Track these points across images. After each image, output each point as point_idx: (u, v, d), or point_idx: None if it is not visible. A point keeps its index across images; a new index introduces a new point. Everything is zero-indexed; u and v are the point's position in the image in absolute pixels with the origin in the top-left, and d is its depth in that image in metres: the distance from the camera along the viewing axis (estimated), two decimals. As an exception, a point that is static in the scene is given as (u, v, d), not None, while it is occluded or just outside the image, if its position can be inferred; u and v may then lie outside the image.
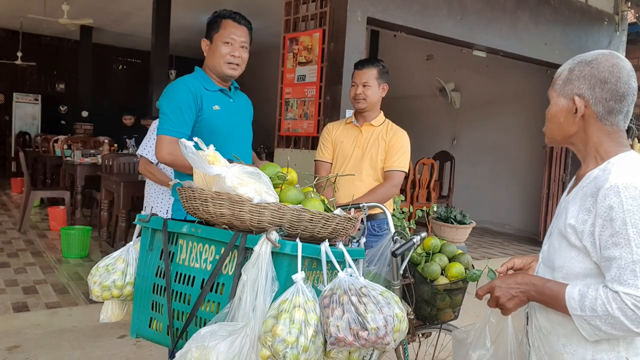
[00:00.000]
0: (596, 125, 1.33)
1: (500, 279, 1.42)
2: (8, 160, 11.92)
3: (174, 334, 1.60)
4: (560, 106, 1.36)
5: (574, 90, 1.33)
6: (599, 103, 1.31)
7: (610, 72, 1.30)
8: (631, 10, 7.01)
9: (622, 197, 1.20)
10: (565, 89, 1.35)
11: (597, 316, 1.20)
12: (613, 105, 1.30)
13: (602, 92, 1.30)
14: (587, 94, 1.31)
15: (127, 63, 14.24)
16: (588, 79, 1.31)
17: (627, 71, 1.31)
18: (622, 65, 1.31)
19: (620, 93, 1.30)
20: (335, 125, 3.10)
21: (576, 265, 1.30)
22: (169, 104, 2.19)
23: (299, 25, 5.05)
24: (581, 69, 1.33)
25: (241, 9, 2.58)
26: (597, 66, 1.31)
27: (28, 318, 3.61)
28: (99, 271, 1.78)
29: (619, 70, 1.30)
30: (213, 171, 1.50)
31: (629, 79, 1.31)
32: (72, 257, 5.16)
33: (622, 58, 1.34)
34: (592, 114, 1.32)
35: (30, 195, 6.23)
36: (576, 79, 1.33)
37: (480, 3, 5.51)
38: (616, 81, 1.30)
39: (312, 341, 1.32)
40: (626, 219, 1.19)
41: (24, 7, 9.65)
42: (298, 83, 4.94)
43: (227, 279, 1.49)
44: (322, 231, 1.54)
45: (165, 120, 2.17)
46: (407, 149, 2.98)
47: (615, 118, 1.31)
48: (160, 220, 1.70)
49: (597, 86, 1.30)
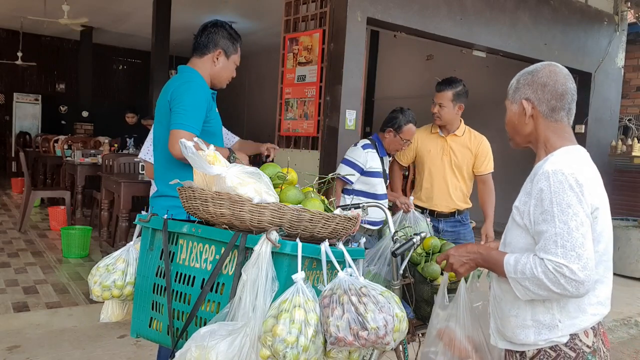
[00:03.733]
0: (543, 122, 1.55)
1: (454, 249, 1.68)
2: (8, 160, 11.92)
3: (174, 333, 1.60)
4: (513, 111, 1.60)
5: (522, 96, 1.57)
6: (543, 103, 1.54)
7: (548, 77, 1.54)
8: (631, 11, 7.01)
9: (550, 181, 1.41)
10: (515, 96, 1.59)
11: (526, 278, 1.40)
12: (555, 103, 1.53)
13: (544, 93, 1.54)
14: (532, 97, 1.55)
15: (127, 63, 14.25)
16: (531, 85, 1.55)
17: (563, 75, 1.55)
18: (558, 71, 1.55)
19: (559, 92, 1.53)
20: (420, 134, 3.46)
21: (520, 240, 1.51)
22: (192, 100, 2.19)
23: (299, 25, 5.05)
24: (525, 77, 1.58)
25: (241, 9, 2.60)
26: (537, 74, 1.55)
27: (28, 318, 3.61)
28: (99, 271, 1.78)
29: (555, 75, 1.54)
30: (213, 171, 1.50)
31: (565, 81, 1.54)
32: (73, 257, 5.16)
33: (558, 66, 1.57)
34: (538, 114, 1.55)
35: (30, 195, 6.24)
36: (522, 86, 1.58)
37: (480, 3, 5.51)
38: (554, 83, 1.53)
39: (312, 341, 1.32)
40: (553, 199, 1.39)
41: (24, 8, 9.66)
42: (298, 83, 4.94)
43: (227, 279, 1.50)
44: (322, 231, 1.55)
45: (185, 115, 2.16)
46: (491, 152, 3.41)
47: (559, 114, 1.54)
48: (160, 220, 1.70)
49: (539, 89, 1.54)
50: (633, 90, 7.84)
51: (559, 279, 1.34)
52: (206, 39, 2.37)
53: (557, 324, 1.44)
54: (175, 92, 2.21)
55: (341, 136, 4.60)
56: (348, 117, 4.63)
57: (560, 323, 1.43)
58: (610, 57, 6.91)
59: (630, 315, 4.70)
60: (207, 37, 2.37)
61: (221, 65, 2.39)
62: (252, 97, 12.88)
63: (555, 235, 1.36)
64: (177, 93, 2.21)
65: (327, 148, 4.70)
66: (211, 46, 2.37)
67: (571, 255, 1.33)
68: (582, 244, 1.34)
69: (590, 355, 1.44)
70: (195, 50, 2.39)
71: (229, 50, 2.40)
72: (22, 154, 6.69)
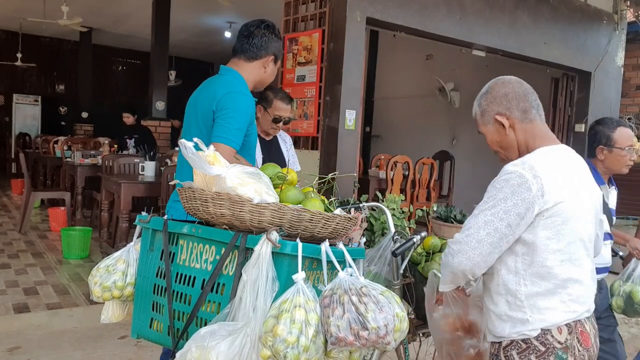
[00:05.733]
0: (520, 127, 1.60)
1: None
2: (8, 161, 11.91)
3: (174, 334, 1.60)
4: (492, 131, 1.65)
5: (492, 114, 1.63)
6: (514, 109, 1.60)
7: (503, 87, 1.63)
8: (630, 10, 7.01)
9: (499, 177, 1.51)
10: (484, 118, 1.65)
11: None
12: (523, 105, 1.60)
13: (509, 101, 1.60)
14: (502, 109, 1.61)
15: (127, 64, 14.24)
16: (494, 100, 1.62)
17: (515, 80, 1.64)
18: (508, 80, 1.65)
19: (520, 94, 1.61)
20: None
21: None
22: (239, 114, 2.08)
23: (299, 25, 5.05)
24: (485, 98, 1.65)
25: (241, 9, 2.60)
26: (492, 90, 1.64)
27: (29, 319, 3.61)
28: (99, 272, 1.78)
29: (508, 83, 1.63)
30: (213, 172, 1.50)
31: (519, 84, 1.63)
32: (73, 258, 5.16)
33: (506, 77, 1.66)
34: (515, 121, 1.60)
35: (30, 196, 6.23)
36: (487, 107, 1.64)
37: (480, 3, 5.50)
38: (512, 89, 1.61)
39: (312, 341, 1.32)
40: (489, 191, 1.51)
41: (23, 9, 9.65)
42: (298, 83, 4.94)
43: (228, 279, 1.50)
44: (322, 231, 1.55)
45: (229, 129, 2.05)
46: None
47: (531, 113, 1.60)
48: (160, 220, 1.70)
49: (504, 100, 1.61)
50: (633, 89, 7.84)
51: (446, 253, 1.52)
52: (259, 42, 2.20)
53: (528, 319, 1.49)
54: (222, 102, 2.08)
55: (341, 136, 4.60)
56: (348, 117, 4.63)
57: (530, 317, 1.49)
58: (610, 56, 6.90)
59: (631, 314, 4.69)
60: (260, 40, 2.20)
61: (270, 72, 2.26)
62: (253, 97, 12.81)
63: (468, 223, 1.50)
64: (224, 103, 2.07)
65: (327, 148, 4.70)
66: (263, 51, 2.21)
67: (460, 237, 1.48)
68: (477, 233, 1.45)
69: (561, 352, 1.47)
70: (243, 52, 2.22)
71: (278, 56, 2.27)
72: (22, 155, 6.69)
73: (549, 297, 1.48)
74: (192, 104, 2.26)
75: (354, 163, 4.82)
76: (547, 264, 1.47)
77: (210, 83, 2.24)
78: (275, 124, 3.13)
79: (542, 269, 1.48)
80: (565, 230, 1.48)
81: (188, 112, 2.28)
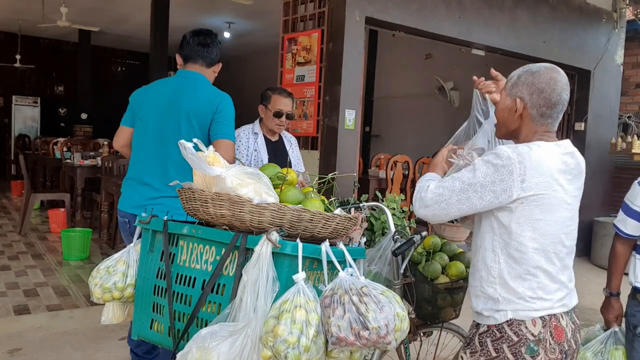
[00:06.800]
0: (530, 124, 1.60)
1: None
2: (8, 163, 11.90)
3: (175, 335, 1.60)
4: (507, 104, 1.63)
5: (518, 94, 1.60)
6: (534, 107, 1.58)
7: (547, 84, 1.56)
8: (629, 8, 7.01)
9: (489, 152, 1.54)
10: (512, 90, 1.62)
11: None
12: (545, 111, 1.58)
13: (538, 99, 1.57)
14: (527, 98, 1.58)
15: (126, 65, 14.24)
16: (529, 86, 1.58)
17: (561, 85, 1.58)
18: (559, 79, 1.58)
19: (552, 102, 1.57)
20: None
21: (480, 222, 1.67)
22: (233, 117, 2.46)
23: (298, 25, 5.05)
24: (526, 77, 1.60)
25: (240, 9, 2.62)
26: (538, 77, 1.58)
27: (29, 321, 3.61)
28: (99, 273, 1.78)
29: (555, 83, 1.57)
30: (213, 172, 1.50)
31: (561, 91, 1.57)
32: (73, 260, 5.15)
33: (560, 73, 1.60)
34: (527, 115, 1.59)
35: (30, 197, 6.23)
36: (521, 84, 1.60)
37: (479, 2, 5.51)
38: (551, 92, 1.56)
39: (313, 341, 1.32)
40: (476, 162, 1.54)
41: (22, 10, 9.65)
42: (297, 83, 4.94)
43: (228, 280, 1.49)
44: (322, 231, 1.55)
45: (232, 129, 2.43)
46: None
47: (546, 121, 1.59)
48: (160, 221, 1.70)
49: (535, 94, 1.57)
50: (632, 87, 7.83)
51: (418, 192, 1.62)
52: (215, 50, 2.52)
53: (498, 298, 1.55)
54: (221, 106, 2.41)
55: (341, 136, 4.59)
56: (347, 116, 4.63)
57: (500, 297, 1.55)
58: (609, 54, 6.91)
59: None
60: (215, 50, 2.52)
61: (215, 75, 2.59)
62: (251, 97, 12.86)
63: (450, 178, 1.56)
64: (223, 107, 2.42)
65: (326, 148, 4.69)
66: (217, 59, 2.54)
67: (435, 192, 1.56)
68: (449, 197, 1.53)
69: (533, 344, 1.51)
70: (202, 59, 2.50)
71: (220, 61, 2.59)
72: (22, 157, 6.68)
73: (518, 281, 1.53)
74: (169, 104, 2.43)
75: (354, 163, 4.82)
76: (521, 249, 1.52)
77: (189, 86, 2.46)
78: (278, 118, 3.16)
79: (516, 252, 1.53)
80: (541, 222, 1.51)
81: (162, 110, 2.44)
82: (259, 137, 3.23)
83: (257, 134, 3.23)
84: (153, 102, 2.47)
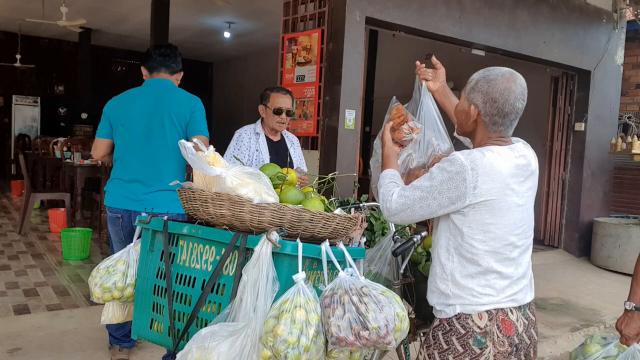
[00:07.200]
0: (483, 130, 1.66)
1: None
2: (8, 162, 11.90)
3: (175, 335, 1.60)
4: (464, 107, 1.68)
5: (473, 100, 1.64)
6: (487, 116, 1.62)
7: (501, 94, 1.59)
8: (630, 8, 7.01)
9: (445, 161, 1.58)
10: (470, 95, 1.66)
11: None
12: (497, 119, 1.62)
13: (492, 108, 1.61)
14: (481, 106, 1.63)
15: (126, 64, 14.24)
16: (484, 94, 1.62)
17: (515, 95, 1.60)
18: (514, 89, 1.60)
19: (505, 112, 1.60)
20: None
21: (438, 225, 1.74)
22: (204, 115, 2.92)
23: (298, 25, 5.05)
24: (482, 84, 1.63)
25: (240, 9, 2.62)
26: (493, 86, 1.60)
27: (29, 320, 3.61)
28: (99, 273, 1.78)
29: (508, 93, 1.59)
30: (213, 172, 1.50)
31: (515, 101, 1.60)
32: (73, 259, 5.15)
33: (517, 82, 1.61)
34: (481, 122, 1.64)
35: (30, 197, 6.23)
36: (477, 91, 1.63)
37: (479, 2, 5.51)
38: (504, 102, 1.59)
39: (313, 341, 1.32)
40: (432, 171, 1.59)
41: (22, 10, 9.65)
42: (297, 83, 4.94)
43: (228, 280, 1.49)
44: (322, 231, 1.55)
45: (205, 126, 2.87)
46: None
47: (498, 128, 1.63)
48: (160, 221, 1.70)
49: (489, 103, 1.61)
50: (632, 87, 7.84)
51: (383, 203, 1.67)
52: (177, 60, 3.00)
53: (449, 293, 1.61)
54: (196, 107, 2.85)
55: (341, 136, 4.59)
56: (347, 116, 4.63)
57: (450, 292, 1.61)
58: (610, 54, 6.91)
59: (632, 312, 4.68)
60: (177, 59, 3.00)
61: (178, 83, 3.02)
62: (251, 97, 12.89)
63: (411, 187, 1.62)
64: (198, 108, 2.86)
65: (326, 148, 4.69)
66: (178, 68, 3.01)
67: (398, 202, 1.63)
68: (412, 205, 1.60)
69: (480, 336, 1.57)
70: (167, 68, 2.96)
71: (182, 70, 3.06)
72: (22, 157, 6.68)
73: (468, 279, 1.59)
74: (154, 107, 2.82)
75: (354, 163, 4.82)
76: (472, 251, 1.58)
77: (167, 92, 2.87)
78: (278, 115, 3.17)
79: (468, 253, 1.58)
80: (492, 226, 1.57)
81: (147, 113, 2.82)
82: (260, 137, 3.24)
83: (258, 134, 3.24)
84: (136, 109, 2.84)
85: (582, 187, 6.91)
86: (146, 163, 2.79)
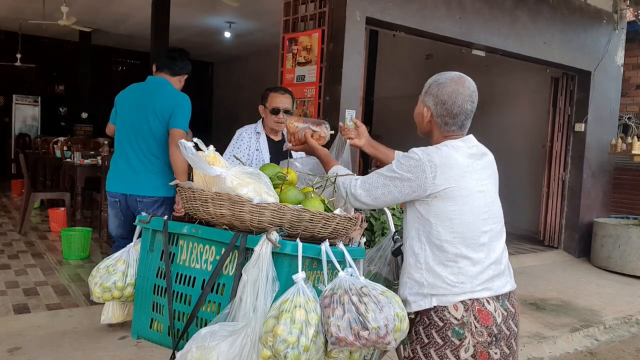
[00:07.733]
0: (438, 130, 1.78)
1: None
2: (8, 162, 11.90)
3: (175, 334, 1.60)
4: (420, 110, 1.81)
5: (426, 102, 1.78)
6: (439, 117, 1.75)
7: (449, 97, 1.72)
8: (630, 9, 7.01)
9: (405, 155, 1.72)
10: (424, 98, 1.80)
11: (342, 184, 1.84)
12: (448, 120, 1.74)
13: (442, 110, 1.73)
14: (432, 108, 1.76)
15: (127, 64, 14.25)
16: (435, 97, 1.75)
17: (463, 97, 1.72)
18: (461, 91, 1.72)
19: (454, 113, 1.72)
20: None
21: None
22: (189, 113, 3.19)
23: (298, 25, 5.05)
24: (433, 88, 1.76)
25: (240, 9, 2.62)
26: (442, 89, 1.73)
27: (29, 320, 3.61)
28: (99, 272, 1.78)
29: (456, 96, 1.71)
30: (213, 172, 1.50)
31: (463, 103, 1.72)
32: (73, 259, 5.15)
33: (465, 84, 1.73)
34: (434, 122, 1.77)
35: (30, 197, 6.23)
36: (429, 94, 1.77)
37: (479, 2, 5.51)
38: (452, 104, 1.71)
39: (313, 341, 1.32)
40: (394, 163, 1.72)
41: (23, 9, 9.65)
42: (297, 83, 4.94)
43: (228, 280, 1.49)
44: (322, 231, 1.55)
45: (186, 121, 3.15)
46: None
47: (450, 128, 1.75)
48: (160, 221, 1.70)
49: (439, 105, 1.74)
50: (632, 88, 7.84)
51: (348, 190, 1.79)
52: (182, 64, 3.27)
53: (424, 282, 1.67)
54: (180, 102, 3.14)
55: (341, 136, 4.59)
56: (347, 116, 4.63)
57: (425, 281, 1.67)
58: (610, 55, 6.91)
59: (631, 313, 4.69)
60: (182, 63, 3.27)
61: (182, 85, 3.30)
62: (251, 97, 12.89)
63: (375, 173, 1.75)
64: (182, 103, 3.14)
65: (326, 148, 4.69)
66: (183, 71, 3.30)
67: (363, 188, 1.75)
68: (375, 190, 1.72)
69: (458, 327, 1.62)
70: (169, 69, 3.25)
71: (189, 74, 3.35)
72: (22, 156, 6.68)
73: (441, 267, 1.65)
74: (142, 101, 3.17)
75: (354, 163, 4.82)
76: (441, 238, 1.65)
77: (154, 89, 3.18)
78: (275, 115, 3.16)
79: (437, 240, 1.65)
80: (456, 213, 1.64)
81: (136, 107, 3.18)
82: (261, 136, 3.24)
83: (259, 134, 3.24)
84: (129, 102, 3.25)
85: (582, 188, 6.91)
86: (136, 150, 3.17)
